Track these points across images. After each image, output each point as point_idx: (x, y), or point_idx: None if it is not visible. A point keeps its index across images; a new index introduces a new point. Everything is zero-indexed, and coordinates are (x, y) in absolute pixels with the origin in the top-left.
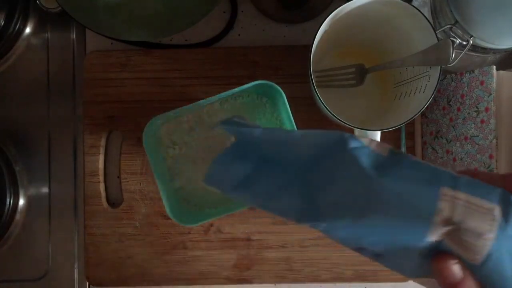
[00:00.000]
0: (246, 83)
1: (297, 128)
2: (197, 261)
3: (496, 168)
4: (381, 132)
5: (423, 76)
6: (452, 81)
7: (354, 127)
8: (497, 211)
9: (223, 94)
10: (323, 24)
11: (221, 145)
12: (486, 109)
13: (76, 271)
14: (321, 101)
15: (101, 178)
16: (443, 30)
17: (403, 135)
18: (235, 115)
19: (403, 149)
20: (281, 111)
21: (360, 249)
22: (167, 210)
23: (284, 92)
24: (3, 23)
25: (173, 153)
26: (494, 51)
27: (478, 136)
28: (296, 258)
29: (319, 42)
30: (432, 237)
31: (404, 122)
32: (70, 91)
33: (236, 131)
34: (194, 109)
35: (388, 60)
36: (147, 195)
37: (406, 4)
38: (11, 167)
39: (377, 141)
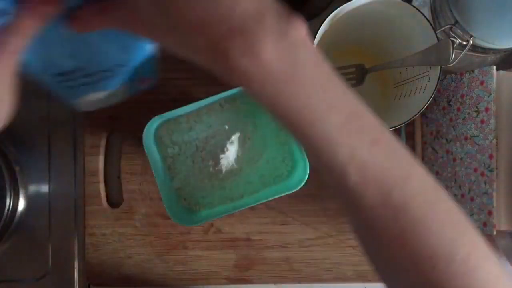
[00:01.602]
0: None
1: None
2: (197, 261)
3: (496, 168)
4: None
5: (423, 76)
6: (452, 81)
7: None
8: None
9: (223, 95)
10: (323, 24)
11: (221, 144)
12: (486, 109)
13: (76, 271)
14: None
15: (101, 178)
16: (443, 30)
17: (403, 135)
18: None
19: None
20: None
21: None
22: (167, 210)
23: None
24: None
25: (172, 153)
26: (494, 51)
27: (478, 136)
28: (296, 258)
29: (319, 42)
30: None
31: (404, 122)
32: None
33: None
34: (193, 109)
35: (388, 60)
36: (147, 195)
37: (406, 4)
38: (11, 167)
39: None
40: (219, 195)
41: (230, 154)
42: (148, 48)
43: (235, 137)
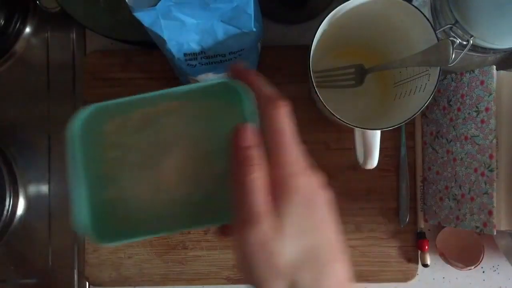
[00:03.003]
0: None
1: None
2: (197, 261)
3: (496, 168)
4: (381, 132)
5: (423, 75)
6: (452, 81)
7: (354, 126)
8: None
9: (176, 89)
10: (322, 24)
11: (173, 152)
12: (486, 109)
13: (76, 271)
14: (321, 101)
15: None
16: (443, 30)
17: (403, 135)
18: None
19: (403, 149)
20: (245, 114)
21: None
22: (81, 223)
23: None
24: (3, 23)
25: (114, 156)
26: (494, 51)
27: (478, 136)
28: None
29: (318, 42)
30: None
31: (404, 121)
32: (70, 91)
33: None
34: (147, 105)
35: (387, 60)
36: None
37: (406, 3)
38: (11, 167)
39: None
40: (159, 212)
41: (180, 166)
42: (258, 45)
43: (189, 147)
